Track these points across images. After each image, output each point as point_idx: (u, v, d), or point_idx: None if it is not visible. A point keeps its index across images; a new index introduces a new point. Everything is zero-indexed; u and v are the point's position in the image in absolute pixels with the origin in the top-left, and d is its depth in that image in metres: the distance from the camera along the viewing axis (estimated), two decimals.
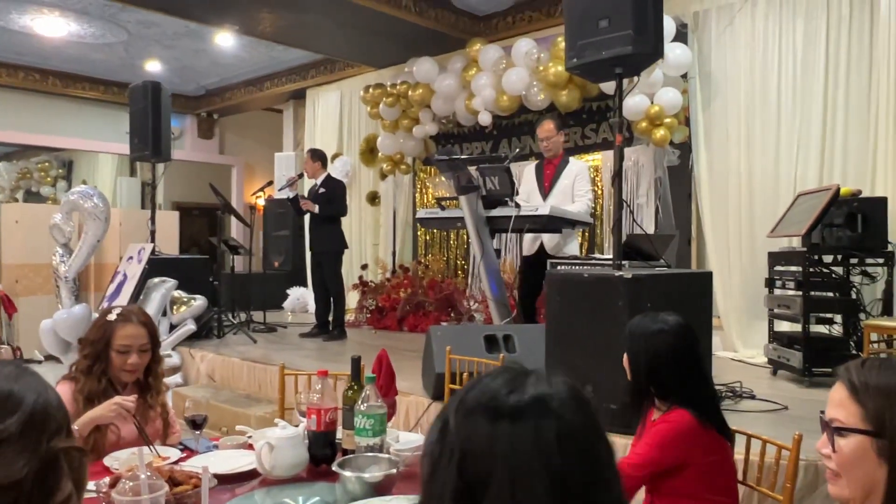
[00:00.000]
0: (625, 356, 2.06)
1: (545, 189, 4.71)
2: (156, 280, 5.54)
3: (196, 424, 1.99)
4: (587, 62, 3.12)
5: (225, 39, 7.71)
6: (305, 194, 6.17)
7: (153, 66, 8.83)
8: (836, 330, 4.20)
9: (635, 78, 3.35)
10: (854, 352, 3.98)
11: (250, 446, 1.94)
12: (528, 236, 4.80)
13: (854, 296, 4.09)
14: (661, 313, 2.06)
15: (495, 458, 0.73)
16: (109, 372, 2.11)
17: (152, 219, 6.12)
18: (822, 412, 1.04)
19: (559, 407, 0.77)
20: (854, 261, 4.15)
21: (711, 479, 1.89)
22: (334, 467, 1.67)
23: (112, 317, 2.15)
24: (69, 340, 5.09)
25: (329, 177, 6.08)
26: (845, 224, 4.13)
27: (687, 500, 1.88)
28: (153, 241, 5.98)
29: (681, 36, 5.36)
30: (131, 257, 5.92)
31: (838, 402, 0.99)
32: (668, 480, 1.90)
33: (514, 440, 0.74)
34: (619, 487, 0.77)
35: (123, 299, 5.44)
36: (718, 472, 1.91)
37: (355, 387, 1.94)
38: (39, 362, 6.53)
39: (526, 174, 4.98)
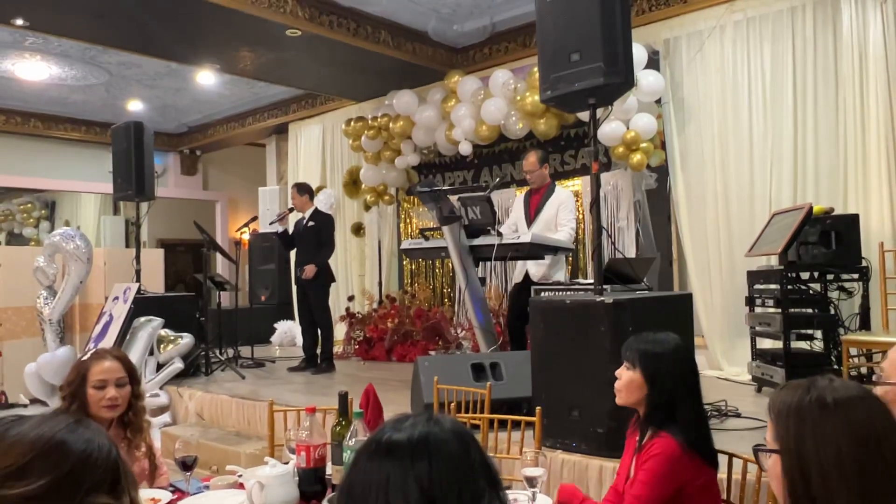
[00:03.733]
0: (631, 374, 1.97)
1: (530, 217, 4.80)
2: (142, 319, 5.53)
3: (186, 466, 2.00)
4: (561, 94, 3.21)
5: (206, 78, 7.79)
6: (291, 228, 6.20)
7: (135, 106, 8.89)
8: (817, 345, 4.27)
9: (609, 107, 3.44)
10: (835, 366, 4.04)
11: (241, 485, 1.95)
12: (517, 265, 4.87)
13: (832, 311, 4.17)
14: (660, 332, 2.03)
15: (370, 487, 0.85)
16: (87, 410, 2.11)
17: (137, 257, 6.11)
18: None
19: (437, 442, 0.87)
20: (830, 277, 4.25)
21: (708, 497, 1.90)
22: None
23: (86, 357, 2.19)
24: (54, 383, 5.05)
25: (317, 210, 6.13)
26: (820, 241, 4.24)
27: None
28: (138, 279, 5.97)
29: (653, 63, 5.50)
30: (117, 297, 5.91)
31: (768, 424, 1.08)
32: None
33: (388, 471, 0.85)
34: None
35: (109, 340, 5.42)
36: (706, 496, 1.92)
37: (343, 422, 1.97)
38: (25, 406, 6.46)
39: (515, 204, 5.10)
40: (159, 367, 5.48)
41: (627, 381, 1.98)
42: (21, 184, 10.08)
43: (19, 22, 5.47)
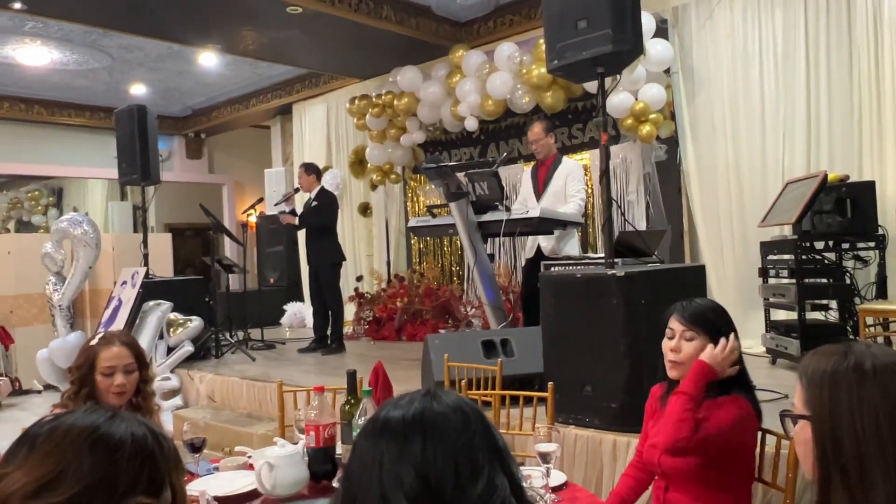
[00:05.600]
0: (697, 344, 1.87)
1: (539, 191, 4.74)
2: (151, 303, 5.53)
3: (195, 447, 1.98)
4: (568, 63, 3.13)
5: (208, 59, 7.71)
6: (300, 209, 6.16)
7: (138, 90, 8.83)
8: (833, 316, 4.21)
9: (617, 76, 3.36)
10: (851, 336, 3.99)
11: (251, 466, 1.93)
12: (528, 240, 4.82)
13: (848, 281, 4.10)
14: (696, 298, 1.97)
15: (367, 467, 0.83)
16: (96, 396, 2.10)
17: (145, 242, 6.10)
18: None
19: (434, 418, 0.85)
20: (846, 246, 4.17)
21: (745, 469, 1.86)
22: (335, 483, 1.67)
23: (95, 341, 2.17)
24: (66, 369, 5.06)
25: (322, 189, 6.08)
26: (835, 210, 4.15)
27: (706, 488, 1.82)
28: (146, 264, 5.96)
29: (661, 31, 5.39)
30: (125, 282, 5.90)
31: (797, 389, 1.05)
32: (708, 470, 1.81)
33: (382, 450, 0.83)
34: (488, 486, 0.83)
35: (119, 324, 5.43)
36: (748, 466, 1.89)
37: (352, 401, 1.94)
38: (39, 392, 6.51)
39: (524, 179, 5.03)
40: (169, 350, 5.48)
41: (695, 352, 1.85)
42: (27, 171, 10.08)
43: (17, 6, 5.40)
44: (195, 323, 5.63)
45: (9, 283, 6.94)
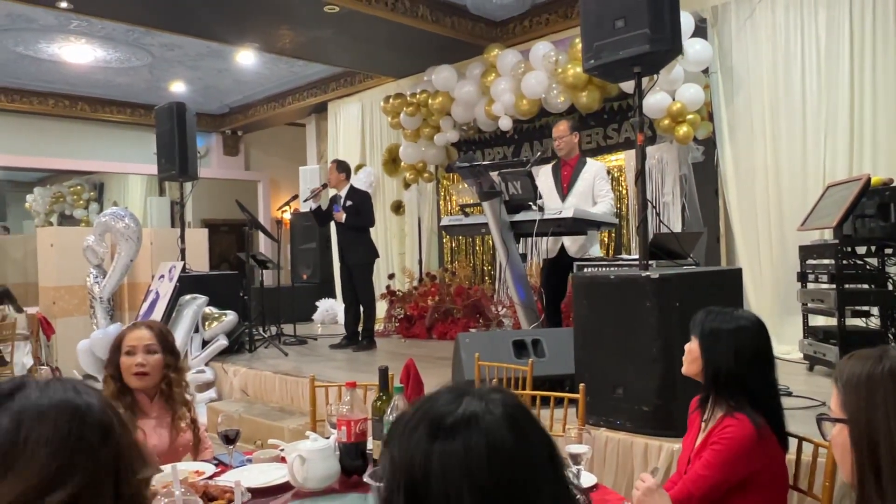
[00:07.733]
0: (691, 344, 1.93)
1: (563, 190, 4.70)
2: (187, 297, 5.63)
3: (229, 439, 2.01)
4: (605, 63, 3.11)
5: (246, 57, 7.83)
6: (325, 205, 6.18)
7: (177, 87, 9.01)
8: (874, 322, 4.10)
9: (655, 76, 3.32)
10: (893, 344, 3.88)
11: (283, 459, 1.96)
12: (548, 240, 4.79)
13: (890, 287, 4.00)
14: (732, 309, 1.95)
15: (430, 477, 0.77)
16: (122, 377, 2.18)
17: (182, 237, 6.21)
18: None
19: (490, 424, 0.79)
20: (889, 251, 4.06)
21: (769, 488, 1.81)
22: (366, 478, 1.68)
23: (124, 327, 2.28)
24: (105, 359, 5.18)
25: (353, 188, 6.11)
26: (878, 214, 4.04)
27: None
28: (183, 258, 6.07)
29: (700, 31, 5.31)
30: (162, 275, 6.02)
31: (833, 393, 1.05)
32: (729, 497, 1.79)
33: (444, 458, 0.77)
34: (552, 499, 0.80)
35: (156, 317, 5.53)
36: (774, 483, 1.83)
37: (384, 397, 1.95)
38: None
39: (541, 175, 4.93)
40: (204, 343, 5.58)
41: (688, 350, 1.96)
42: (71, 166, 10.35)
43: (63, 5, 5.55)
44: (230, 317, 5.72)
45: (51, 274, 7.12)
